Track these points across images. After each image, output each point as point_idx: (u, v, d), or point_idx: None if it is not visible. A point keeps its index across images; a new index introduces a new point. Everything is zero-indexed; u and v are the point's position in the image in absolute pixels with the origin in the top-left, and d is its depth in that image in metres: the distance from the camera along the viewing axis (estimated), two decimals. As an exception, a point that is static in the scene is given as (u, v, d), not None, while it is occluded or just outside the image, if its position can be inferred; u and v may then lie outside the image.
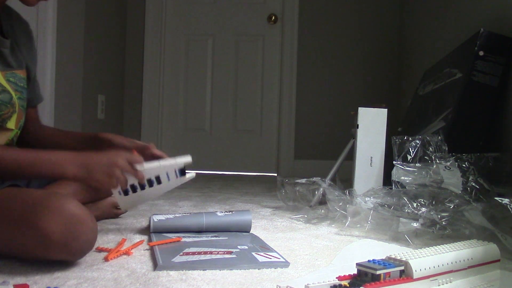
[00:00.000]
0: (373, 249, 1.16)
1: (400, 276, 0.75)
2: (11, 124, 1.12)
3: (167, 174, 1.18)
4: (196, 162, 3.94)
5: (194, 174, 1.22)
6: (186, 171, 1.21)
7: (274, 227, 1.41)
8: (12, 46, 1.16)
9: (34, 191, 0.93)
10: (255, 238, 1.21)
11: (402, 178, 1.49)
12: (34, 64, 1.26)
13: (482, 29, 1.77)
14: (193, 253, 1.00)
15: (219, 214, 1.29)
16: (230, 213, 1.31)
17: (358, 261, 0.77)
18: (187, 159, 1.18)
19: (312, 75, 3.34)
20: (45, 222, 0.84)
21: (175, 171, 1.19)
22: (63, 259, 0.88)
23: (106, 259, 0.97)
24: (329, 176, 1.86)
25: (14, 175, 1.02)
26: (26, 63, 1.21)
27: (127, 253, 1.02)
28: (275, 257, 1.01)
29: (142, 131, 3.38)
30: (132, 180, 1.11)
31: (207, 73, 3.43)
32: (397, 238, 1.26)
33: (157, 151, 1.22)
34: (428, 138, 1.62)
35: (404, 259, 0.76)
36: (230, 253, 1.02)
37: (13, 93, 1.12)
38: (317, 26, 3.33)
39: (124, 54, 3.36)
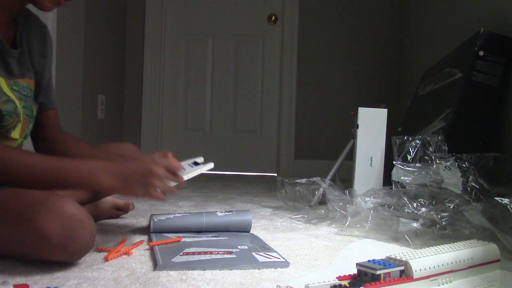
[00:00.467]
0: (373, 249, 1.16)
1: (400, 276, 0.75)
2: (16, 133, 1.11)
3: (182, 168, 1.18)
4: (196, 162, 3.85)
5: (212, 164, 1.23)
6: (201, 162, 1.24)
7: (274, 227, 1.41)
8: (20, 55, 1.14)
9: (32, 192, 0.92)
10: (255, 238, 1.21)
11: (402, 178, 1.49)
12: (48, 69, 1.24)
13: (482, 29, 1.77)
14: (193, 253, 1.00)
15: (219, 214, 1.29)
16: (230, 213, 1.31)
17: (358, 261, 0.77)
18: (210, 165, 1.20)
19: (312, 75, 3.34)
20: (43, 222, 0.84)
21: (189, 165, 1.21)
22: (61, 260, 0.88)
23: (106, 259, 0.97)
24: (329, 176, 1.86)
25: (43, 185, 0.95)
26: (36, 69, 1.20)
27: (127, 253, 1.02)
28: (275, 257, 1.01)
29: (142, 131, 3.38)
30: None
31: (207, 73, 3.43)
32: (397, 238, 1.26)
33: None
34: (428, 138, 1.62)
35: (404, 259, 0.76)
36: (230, 253, 1.02)
37: (17, 102, 1.10)
38: (317, 26, 3.34)
39: (124, 54, 3.36)
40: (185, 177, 1.15)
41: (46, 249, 0.85)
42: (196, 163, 1.25)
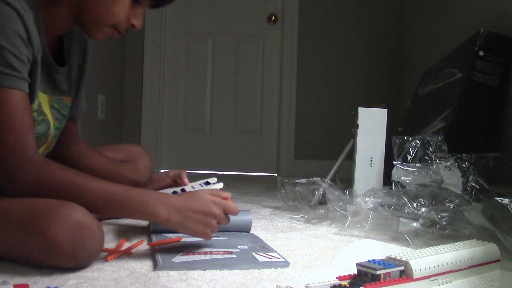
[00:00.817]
0: (373, 249, 1.16)
1: (400, 276, 0.75)
2: None
3: (192, 187, 1.21)
4: (196, 162, 3.91)
5: (222, 184, 1.27)
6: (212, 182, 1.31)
7: (274, 227, 1.41)
8: (68, 72, 1.15)
9: (42, 199, 0.91)
10: (255, 238, 1.21)
11: (402, 178, 1.49)
12: (84, 82, 1.26)
13: (482, 29, 1.77)
14: (193, 253, 1.00)
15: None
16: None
17: (358, 261, 0.76)
18: (219, 185, 1.24)
19: (312, 75, 3.34)
20: (53, 229, 0.83)
21: (200, 185, 1.26)
22: (70, 266, 0.88)
23: (106, 259, 0.97)
24: (329, 176, 1.86)
25: (97, 209, 0.94)
26: (75, 83, 1.21)
27: (127, 253, 1.02)
28: (275, 257, 1.01)
29: (142, 131, 3.38)
30: None
31: (207, 73, 3.43)
32: (397, 238, 1.26)
33: (185, 180, 1.28)
34: (428, 138, 1.62)
35: (404, 259, 0.76)
36: (230, 253, 1.02)
37: (51, 123, 1.10)
38: (317, 26, 3.34)
39: (124, 54, 3.36)
40: None
41: (54, 256, 0.85)
42: (207, 183, 1.29)
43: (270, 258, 0.99)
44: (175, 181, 1.32)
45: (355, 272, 0.76)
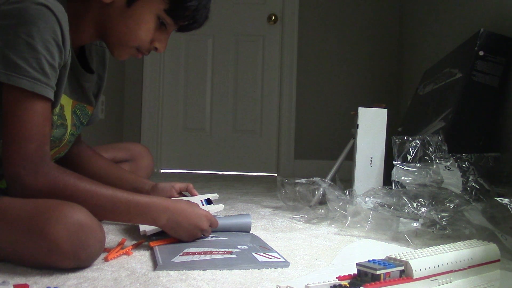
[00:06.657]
0: (373, 249, 1.16)
1: (400, 276, 0.75)
2: None
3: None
4: (196, 162, 3.90)
5: (222, 206, 1.33)
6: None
7: (274, 227, 1.41)
8: (97, 80, 1.18)
9: (42, 199, 0.91)
10: (255, 238, 1.21)
11: (402, 178, 1.49)
12: (102, 90, 1.27)
13: (482, 29, 1.77)
14: (193, 253, 1.00)
15: (218, 216, 1.29)
16: (230, 216, 1.32)
17: (358, 261, 0.77)
18: (220, 207, 1.32)
19: (312, 75, 3.34)
20: (54, 230, 0.83)
21: (201, 202, 1.32)
22: (69, 266, 0.88)
23: (106, 259, 0.97)
24: (329, 176, 1.86)
25: (105, 215, 0.99)
26: (95, 92, 1.22)
27: (127, 253, 1.02)
28: (275, 257, 1.01)
29: (142, 131, 3.38)
30: None
31: (207, 73, 3.43)
32: (397, 238, 1.26)
33: (194, 191, 1.37)
34: (428, 138, 1.62)
35: (404, 259, 0.76)
36: (230, 253, 1.02)
37: (69, 129, 1.11)
38: (317, 26, 3.34)
39: (124, 54, 3.35)
40: None
41: (55, 257, 0.85)
42: (208, 200, 1.34)
43: (270, 258, 0.99)
44: (180, 193, 1.37)
45: (355, 272, 0.76)
